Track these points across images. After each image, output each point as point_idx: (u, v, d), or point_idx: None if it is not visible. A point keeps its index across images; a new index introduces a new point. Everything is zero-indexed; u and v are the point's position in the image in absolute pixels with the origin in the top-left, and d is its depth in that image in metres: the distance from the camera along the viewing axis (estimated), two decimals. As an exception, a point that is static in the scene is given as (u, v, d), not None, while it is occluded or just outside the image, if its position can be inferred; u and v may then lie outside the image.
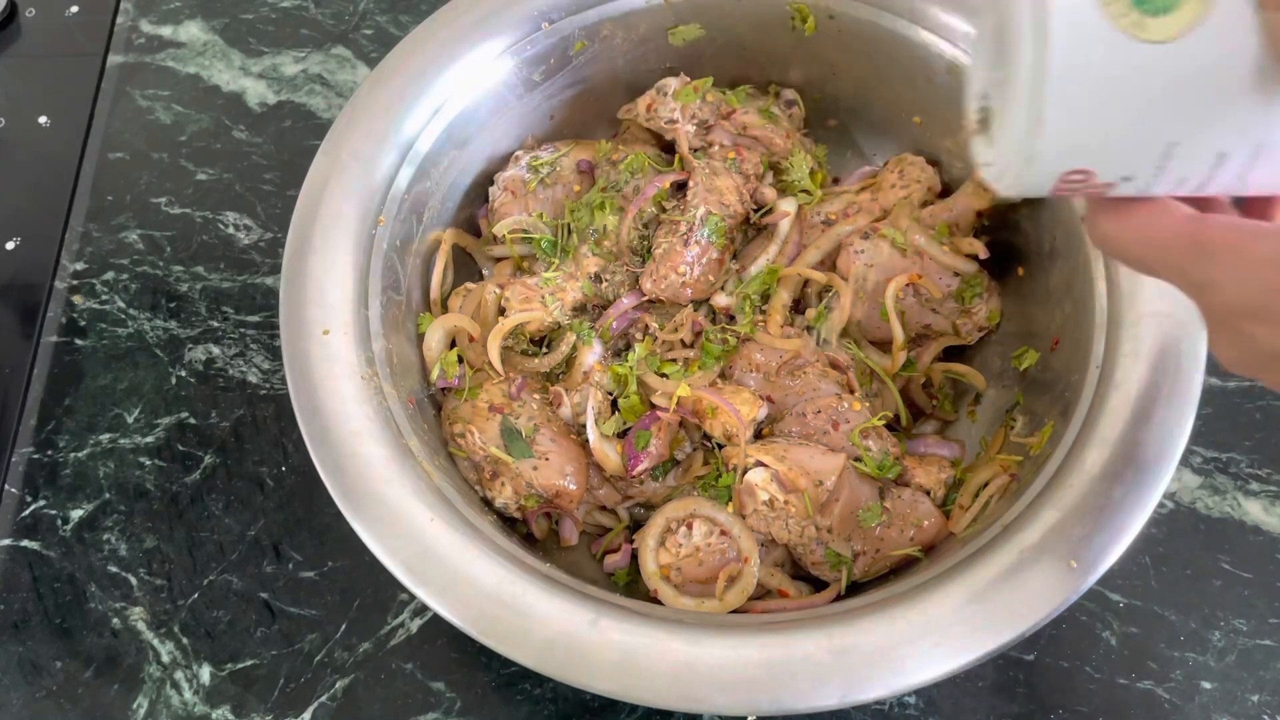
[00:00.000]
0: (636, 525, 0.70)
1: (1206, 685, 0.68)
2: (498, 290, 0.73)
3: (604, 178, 0.77)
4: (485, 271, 0.80)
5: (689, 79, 0.78)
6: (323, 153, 0.69)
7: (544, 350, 0.73)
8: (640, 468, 0.67)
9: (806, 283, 0.74)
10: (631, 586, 0.68)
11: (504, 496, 0.67)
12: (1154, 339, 0.59)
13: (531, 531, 0.70)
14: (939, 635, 0.53)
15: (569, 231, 0.76)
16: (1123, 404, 0.58)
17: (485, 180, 0.79)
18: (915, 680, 0.52)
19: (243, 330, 0.83)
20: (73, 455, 0.78)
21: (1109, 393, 0.59)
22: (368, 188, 0.69)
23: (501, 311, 0.73)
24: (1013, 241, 0.75)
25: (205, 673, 0.70)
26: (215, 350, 0.82)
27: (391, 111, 0.71)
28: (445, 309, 0.75)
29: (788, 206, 0.75)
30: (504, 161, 0.79)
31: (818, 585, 0.66)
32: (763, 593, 0.65)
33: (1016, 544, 0.55)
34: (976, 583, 0.54)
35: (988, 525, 0.59)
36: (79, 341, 0.83)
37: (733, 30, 0.79)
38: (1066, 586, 0.54)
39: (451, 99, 0.73)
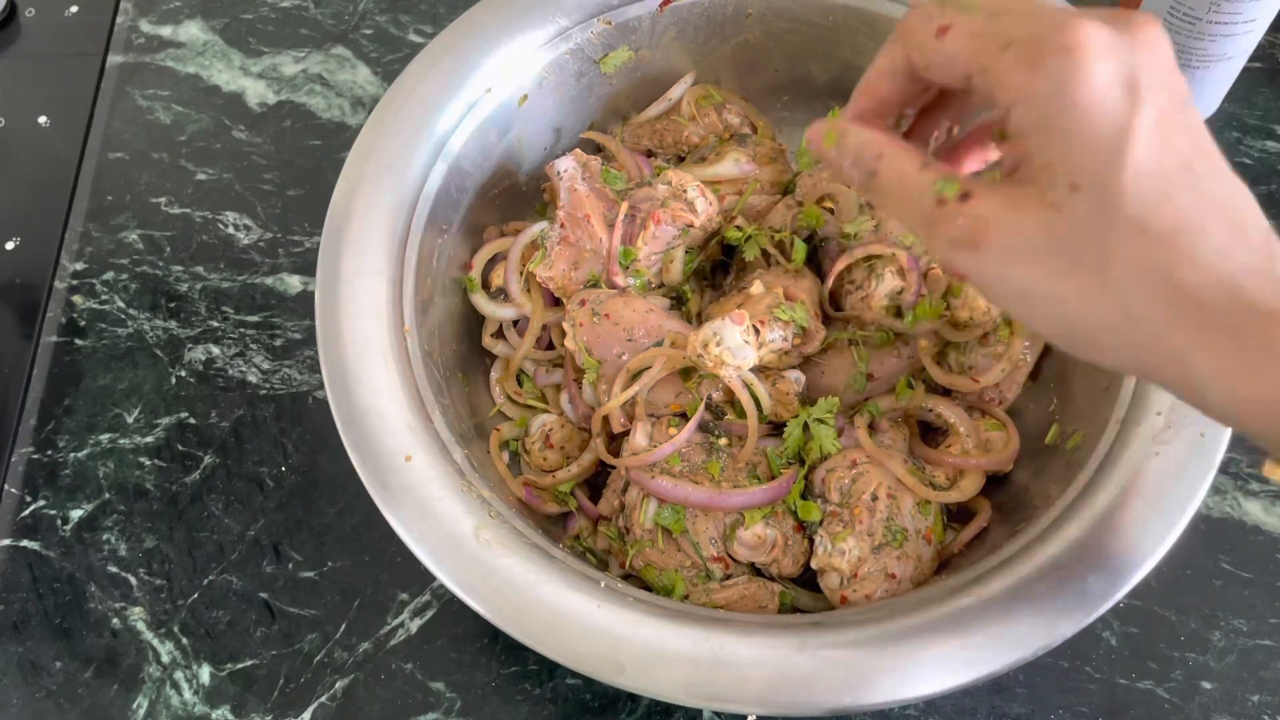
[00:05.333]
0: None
1: (1206, 685, 0.68)
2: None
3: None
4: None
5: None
6: (368, 128, 0.69)
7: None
8: None
9: None
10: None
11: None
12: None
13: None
14: (961, 643, 0.52)
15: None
16: (1149, 431, 0.58)
17: (537, 168, 0.80)
18: (931, 689, 0.52)
19: (242, 330, 0.83)
20: (72, 455, 0.78)
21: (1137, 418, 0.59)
22: (402, 183, 0.68)
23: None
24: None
25: (205, 673, 0.70)
26: (215, 350, 0.82)
27: (447, 86, 0.71)
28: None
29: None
30: (557, 148, 0.80)
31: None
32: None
33: (1038, 560, 0.55)
34: (998, 594, 0.54)
35: (1010, 538, 0.59)
36: (79, 341, 0.83)
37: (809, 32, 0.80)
38: (1094, 602, 0.53)
39: (500, 83, 0.73)
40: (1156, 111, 0.37)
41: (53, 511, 0.76)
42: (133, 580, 0.73)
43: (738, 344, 0.63)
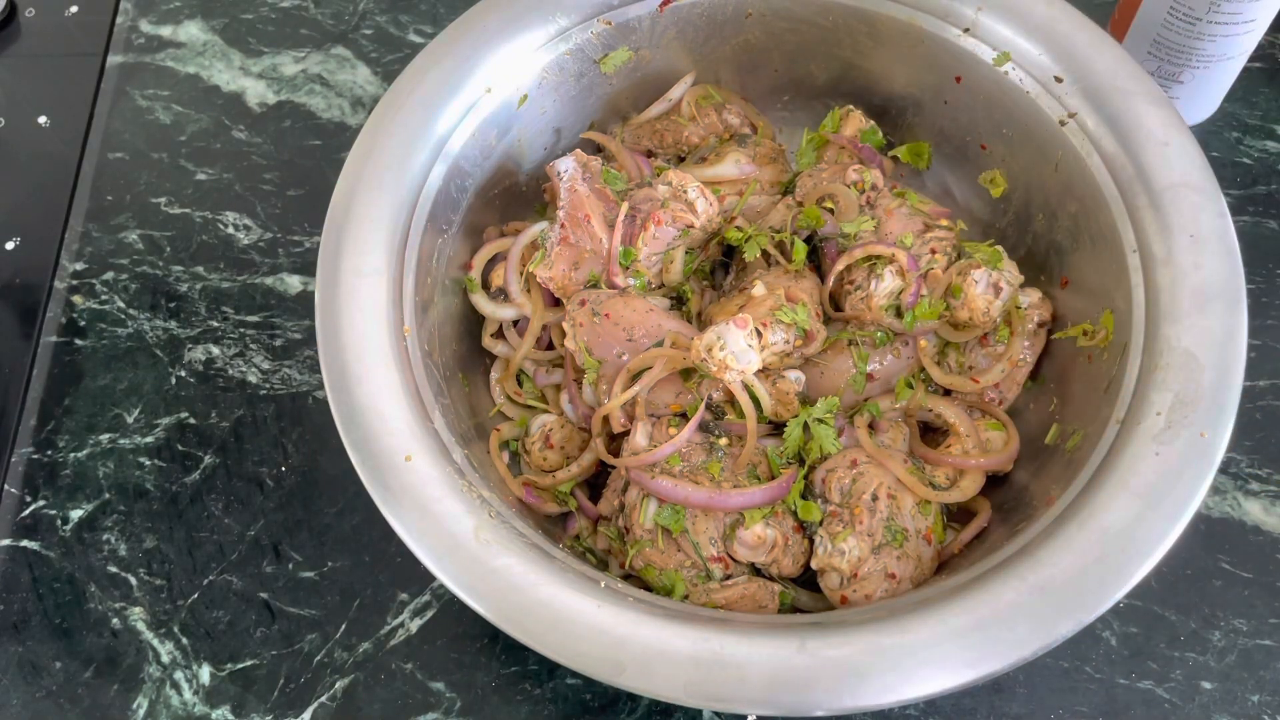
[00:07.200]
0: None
1: (1206, 685, 0.68)
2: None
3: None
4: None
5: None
6: (367, 130, 0.69)
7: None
8: None
9: None
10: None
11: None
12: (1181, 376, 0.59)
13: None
14: (961, 643, 0.52)
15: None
16: (1149, 431, 0.58)
17: (537, 167, 0.80)
18: (931, 689, 0.52)
19: (242, 330, 0.83)
20: (73, 455, 0.78)
21: (1138, 419, 0.59)
22: (402, 183, 0.68)
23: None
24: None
25: (205, 673, 0.70)
26: (215, 350, 0.82)
27: (447, 86, 0.71)
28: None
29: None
30: (557, 148, 0.80)
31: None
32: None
33: (1037, 561, 0.55)
34: (998, 594, 0.54)
35: (1010, 539, 0.59)
36: (79, 341, 0.83)
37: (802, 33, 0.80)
38: (1094, 602, 0.53)
39: (500, 83, 0.73)
40: None
41: (53, 511, 0.76)
42: (133, 580, 0.73)
43: (741, 348, 0.64)
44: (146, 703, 0.69)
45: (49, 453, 0.78)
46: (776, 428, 0.69)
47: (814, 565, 0.64)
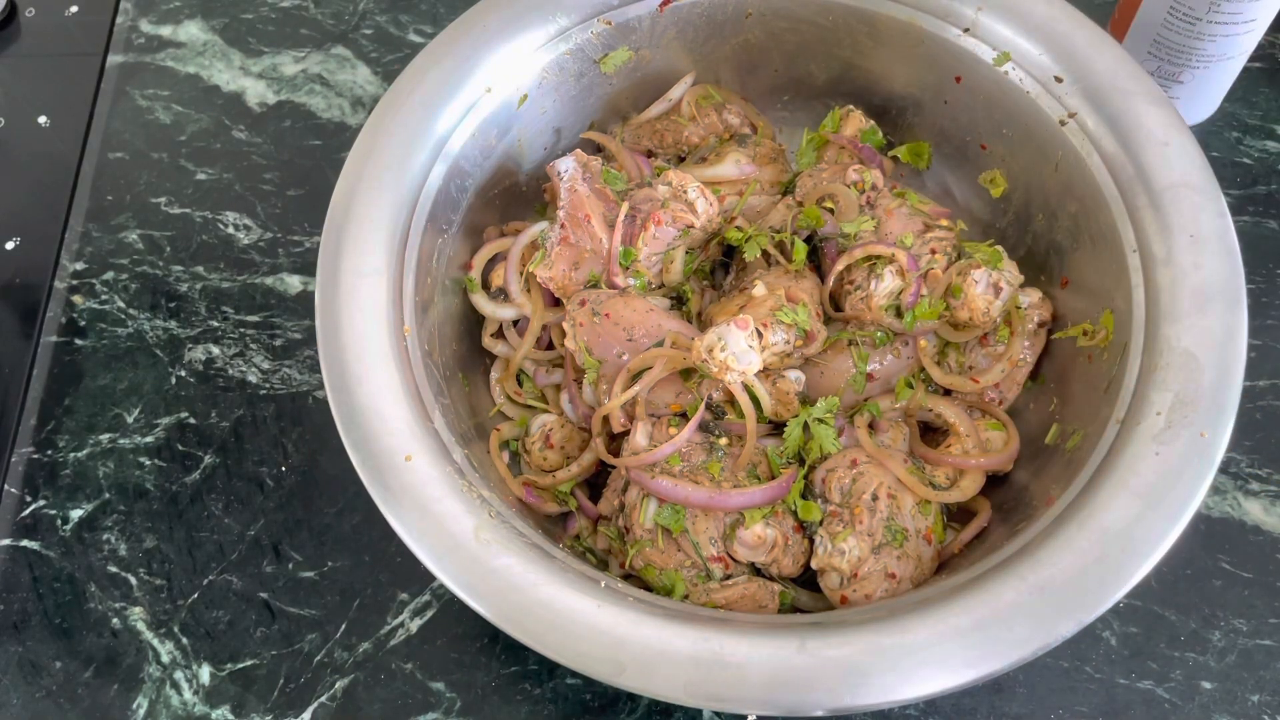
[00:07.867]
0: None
1: (1206, 685, 0.68)
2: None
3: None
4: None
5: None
6: (368, 129, 0.69)
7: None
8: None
9: None
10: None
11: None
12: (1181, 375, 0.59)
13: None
14: (961, 642, 0.52)
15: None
16: (1149, 431, 0.58)
17: (537, 167, 0.80)
18: (931, 689, 0.52)
19: (242, 330, 0.83)
20: (72, 455, 0.78)
21: (1137, 419, 0.59)
22: (402, 183, 0.68)
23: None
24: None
25: (205, 673, 0.70)
26: (215, 350, 0.82)
27: (447, 86, 0.71)
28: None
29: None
30: (557, 148, 0.80)
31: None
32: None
33: (1037, 561, 0.55)
34: (998, 594, 0.54)
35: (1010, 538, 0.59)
36: (79, 341, 0.83)
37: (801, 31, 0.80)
38: (1094, 602, 0.53)
39: (500, 83, 0.73)
40: None
41: (53, 511, 0.76)
42: (133, 580, 0.73)
43: (742, 349, 0.64)
44: (146, 703, 0.69)
45: (49, 453, 0.78)
46: (776, 428, 0.69)
47: (814, 565, 0.64)
